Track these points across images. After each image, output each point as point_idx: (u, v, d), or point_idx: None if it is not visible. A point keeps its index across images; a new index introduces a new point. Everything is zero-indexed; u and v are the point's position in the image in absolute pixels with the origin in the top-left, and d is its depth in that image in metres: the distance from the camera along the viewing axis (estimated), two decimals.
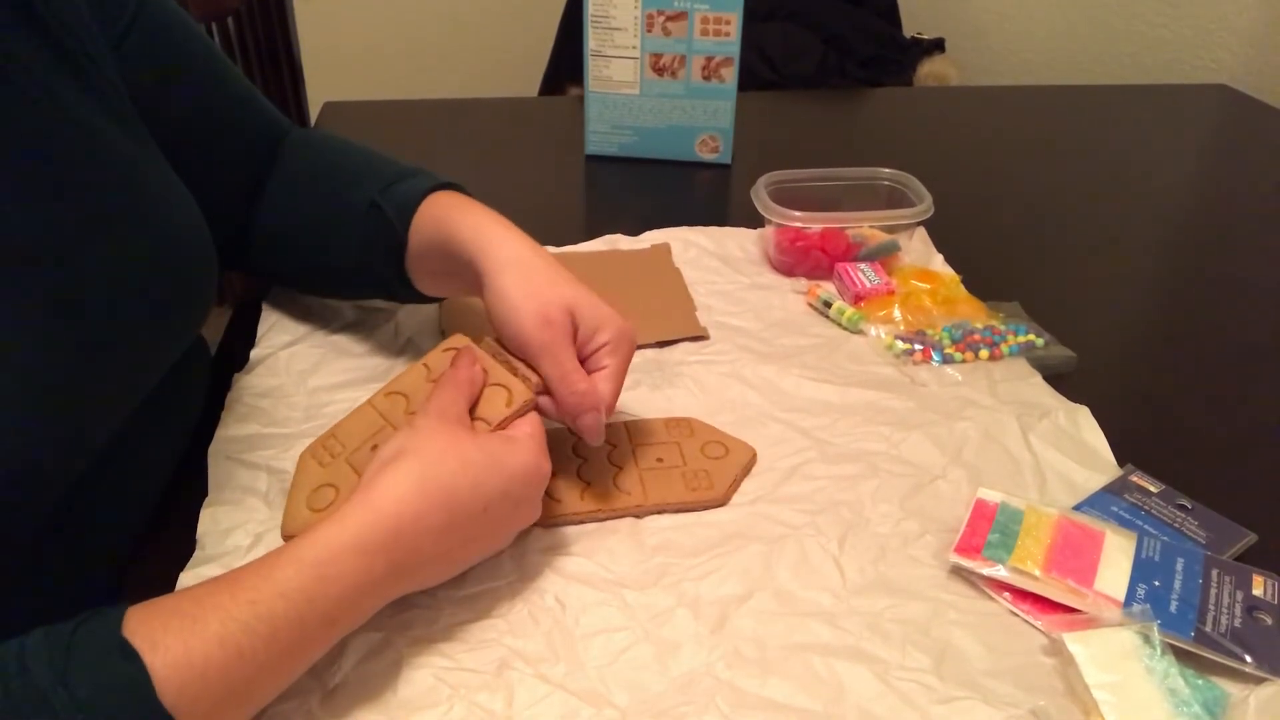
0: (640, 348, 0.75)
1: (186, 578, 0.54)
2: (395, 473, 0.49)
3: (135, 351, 0.54)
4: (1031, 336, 0.75)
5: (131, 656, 0.40)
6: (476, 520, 0.51)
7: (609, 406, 0.59)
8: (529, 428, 0.55)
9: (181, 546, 0.56)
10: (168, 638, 0.41)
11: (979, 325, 0.77)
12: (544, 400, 0.59)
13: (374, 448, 0.56)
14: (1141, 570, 0.55)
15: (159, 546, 0.58)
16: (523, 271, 0.59)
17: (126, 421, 0.56)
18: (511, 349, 0.59)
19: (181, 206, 0.60)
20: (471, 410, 0.56)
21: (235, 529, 0.57)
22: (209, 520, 0.58)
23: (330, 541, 0.46)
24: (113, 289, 0.52)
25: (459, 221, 0.63)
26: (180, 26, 0.66)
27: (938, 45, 2.00)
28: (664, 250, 0.88)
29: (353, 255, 0.70)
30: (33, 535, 0.50)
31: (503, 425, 0.56)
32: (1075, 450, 0.65)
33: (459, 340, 0.60)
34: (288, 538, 0.56)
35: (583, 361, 0.59)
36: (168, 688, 0.40)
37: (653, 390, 0.70)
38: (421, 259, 0.67)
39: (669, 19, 1.01)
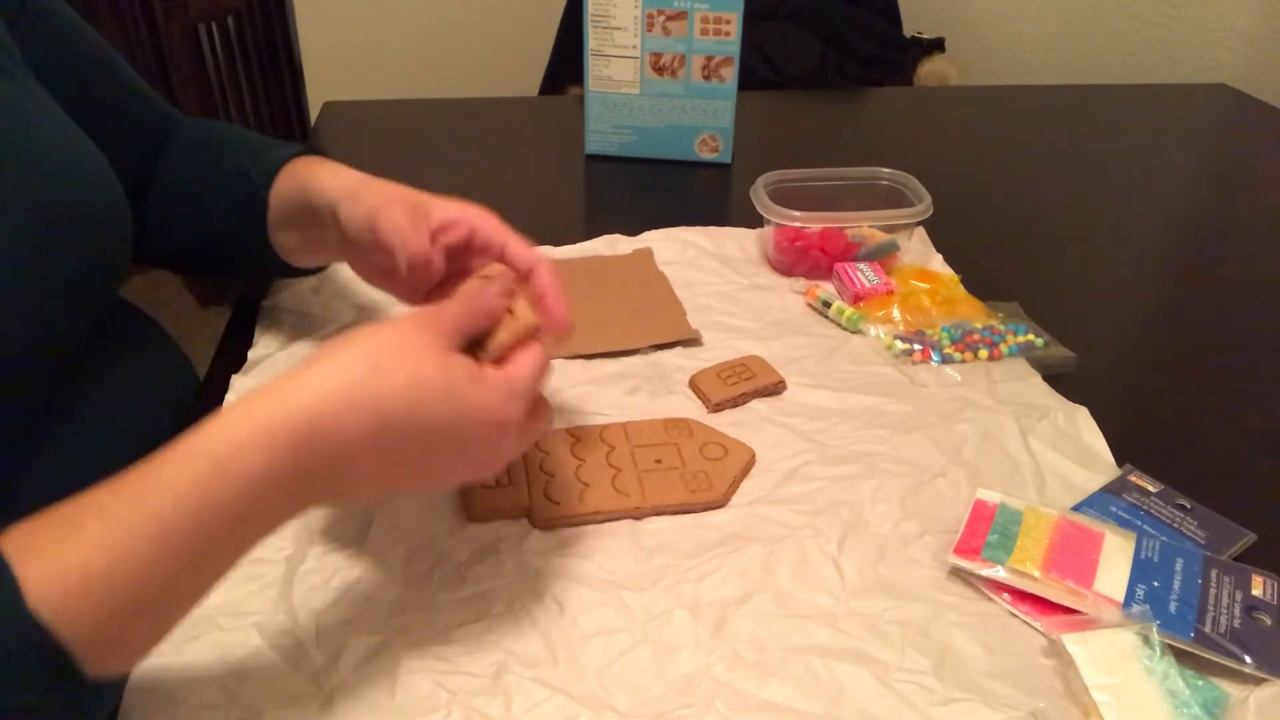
0: (633, 353, 0.75)
1: None
2: (326, 367, 0.43)
3: (35, 296, 0.54)
4: (1031, 336, 0.75)
5: None
6: (409, 447, 0.45)
7: (550, 263, 0.58)
8: (512, 372, 0.48)
9: None
10: (43, 545, 0.37)
11: (978, 325, 0.77)
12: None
13: None
14: (1141, 571, 0.54)
15: None
16: (367, 183, 0.60)
17: (57, 389, 0.56)
18: (360, 245, 0.59)
19: (88, 159, 0.59)
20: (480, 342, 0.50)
21: None
22: None
23: (230, 433, 0.40)
24: (10, 232, 0.52)
25: (316, 172, 0.64)
26: (65, 16, 0.66)
27: (938, 45, 2.00)
28: (646, 255, 0.88)
29: (224, 225, 0.70)
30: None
31: (501, 359, 0.50)
32: (1074, 451, 0.65)
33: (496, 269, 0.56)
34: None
35: (468, 257, 0.59)
36: (44, 597, 0.36)
37: (652, 398, 0.70)
38: (284, 222, 0.67)
39: (669, 18, 1.01)
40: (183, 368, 0.73)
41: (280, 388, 0.42)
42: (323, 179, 0.63)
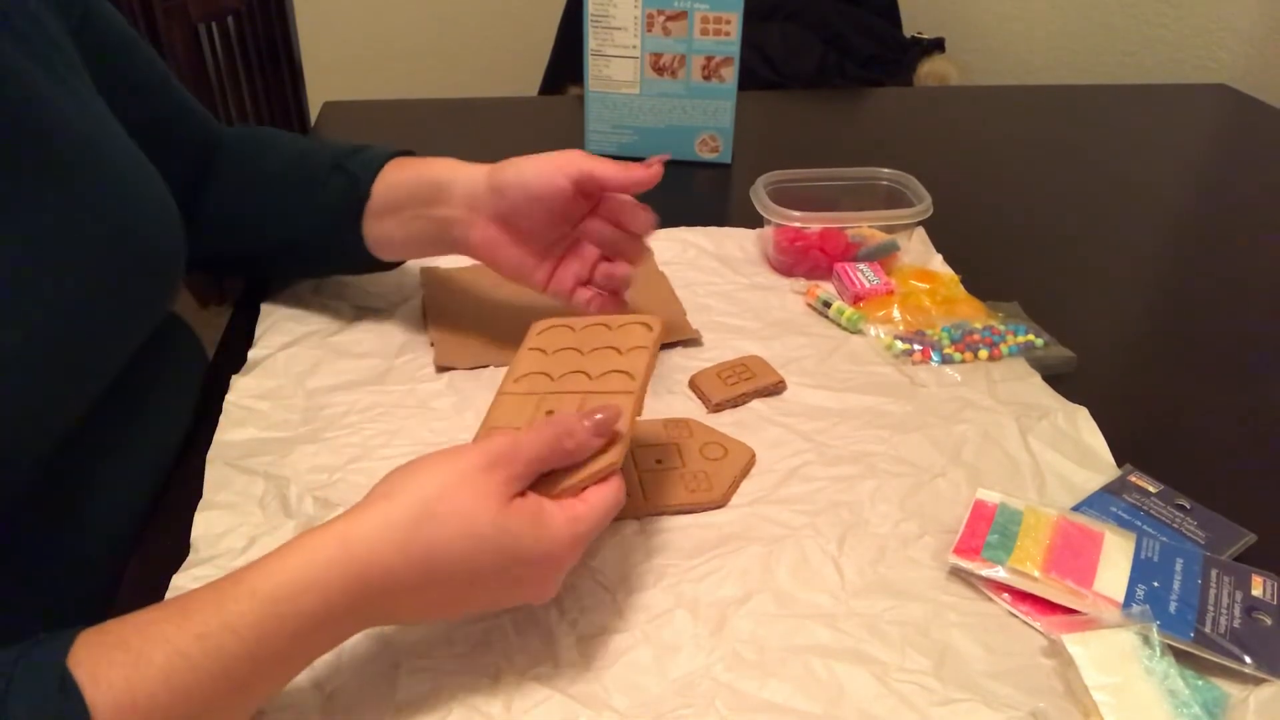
0: None
1: (180, 579, 0.54)
2: (382, 509, 0.45)
3: (100, 320, 0.54)
4: (1031, 337, 0.75)
5: (72, 693, 0.38)
6: (459, 589, 0.46)
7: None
8: (576, 510, 0.48)
9: (175, 552, 0.56)
10: (111, 673, 0.39)
11: (978, 325, 0.77)
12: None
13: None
14: (1141, 571, 0.54)
15: (153, 551, 0.57)
16: (505, 160, 0.68)
17: (112, 412, 0.56)
18: (534, 195, 0.66)
19: (144, 176, 0.60)
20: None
21: (229, 532, 0.57)
22: (203, 524, 0.58)
23: (290, 576, 0.43)
24: (70, 253, 0.52)
25: (431, 163, 0.69)
26: (123, 29, 0.67)
27: (938, 45, 2.00)
28: (646, 255, 0.87)
29: (310, 222, 0.72)
30: (12, 516, 0.50)
31: (570, 491, 0.49)
32: (1074, 451, 0.65)
33: (644, 338, 0.58)
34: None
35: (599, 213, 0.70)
36: None
37: (652, 398, 0.70)
38: (388, 210, 0.70)
39: (669, 18, 1.00)
40: (204, 369, 0.74)
41: (338, 531, 0.44)
42: (445, 162, 0.69)
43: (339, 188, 0.71)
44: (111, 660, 0.40)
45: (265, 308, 0.79)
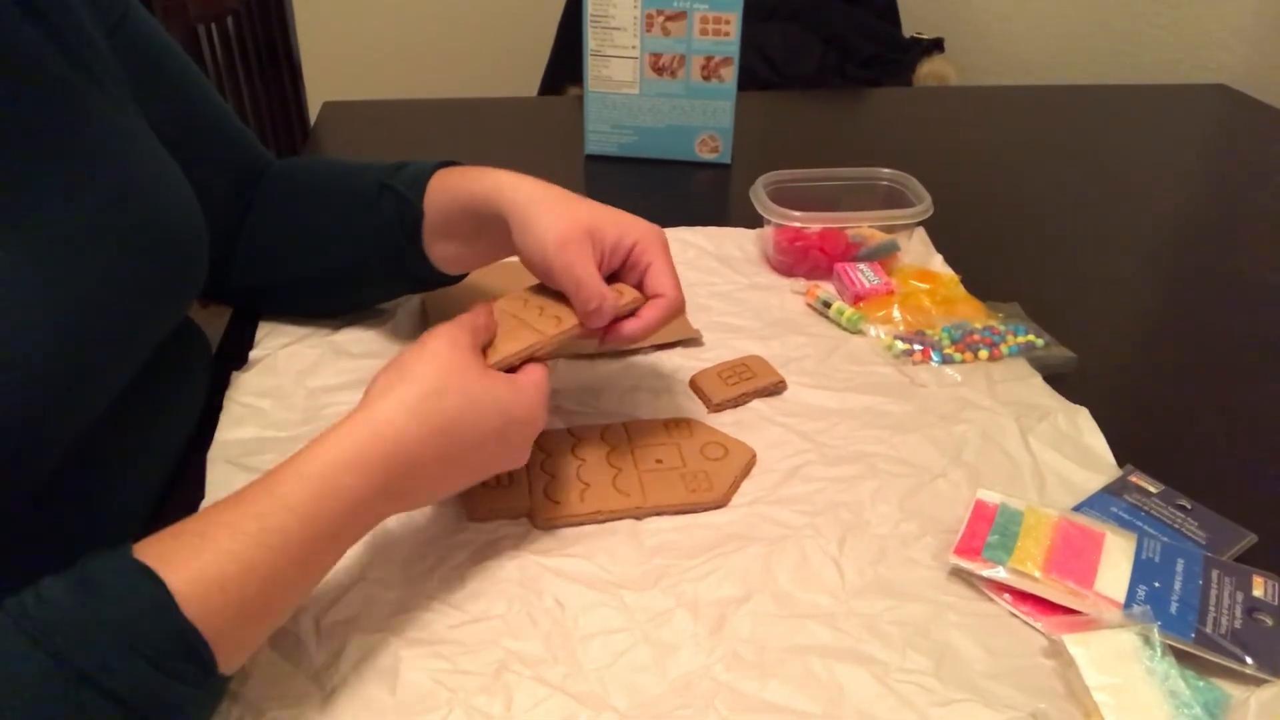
0: (634, 353, 0.74)
1: None
2: (395, 396, 0.50)
3: (120, 317, 0.54)
4: (1031, 337, 0.75)
5: (150, 575, 0.40)
6: (470, 454, 0.52)
7: (675, 299, 0.61)
8: (536, 376, 0.56)
9: None
10: (179, 555, 0.41)
11: (978, 325, 0.76)
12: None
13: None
14: (1141, 571, 0.54)
15: None
16: (539, 204, 0.61)
17: (127, 408, 0.56)
18: (538, 276, 0.62)
19: (171, 179, 0.60)
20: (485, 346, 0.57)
21: None
22: None
23: (332, 458, 0.47)
24: (97, 249, 0.52)
25: (474, 179, 0.65)
26: (160, 39, 0.67)
27: (937, 45, 2.01)
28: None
29: (366, 245, 0.69)
30: (29, 519, 0.50)
31: (510, 365, 0.56)
32: (1075, 451, 0.65)
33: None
34: None
35: (622, 271, 0.62)
36: (189, 603, 0.40)
37: (653, 398, 0.70)
38: (440, 229, 0.67)
39: (668, 19, 1.00)
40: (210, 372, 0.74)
41: (361, 419, 0.49)
42: (484, 188, 0.64)
43: (391, 207, 0.68)
44: (177, 546, 0.42)
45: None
